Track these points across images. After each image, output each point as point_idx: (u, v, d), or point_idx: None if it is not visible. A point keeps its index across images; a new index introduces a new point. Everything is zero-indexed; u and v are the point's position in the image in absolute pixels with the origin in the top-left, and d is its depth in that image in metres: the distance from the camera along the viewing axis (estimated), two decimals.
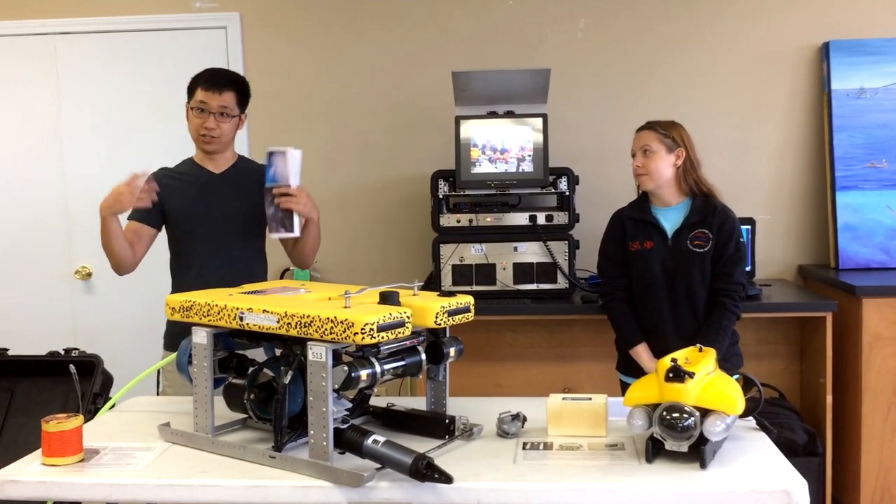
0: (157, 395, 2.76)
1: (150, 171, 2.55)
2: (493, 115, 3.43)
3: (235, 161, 2.86)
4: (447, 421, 1.93)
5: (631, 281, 2.82)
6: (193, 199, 2.75)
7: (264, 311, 1.79)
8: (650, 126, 2.78)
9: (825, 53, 3.73)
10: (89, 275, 4.12)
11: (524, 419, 1.97)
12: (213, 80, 2.72)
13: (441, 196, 3.46)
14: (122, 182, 2.48)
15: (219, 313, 1.87)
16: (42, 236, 4.13)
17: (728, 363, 2.68)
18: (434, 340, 1.92)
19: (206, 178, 2.80)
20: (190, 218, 2.75)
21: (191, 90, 2.75)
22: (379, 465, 1.67)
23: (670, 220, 2.77)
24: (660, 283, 2.74)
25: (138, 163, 4.02)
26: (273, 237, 2.63)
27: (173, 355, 2.09)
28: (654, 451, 1.76)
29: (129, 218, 2.77)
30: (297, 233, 2.59)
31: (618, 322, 2.83)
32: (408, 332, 1.75)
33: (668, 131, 2.75)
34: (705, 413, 1.74)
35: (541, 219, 3.42)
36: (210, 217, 2.74)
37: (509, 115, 3.42)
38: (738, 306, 2.71)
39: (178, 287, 2.79)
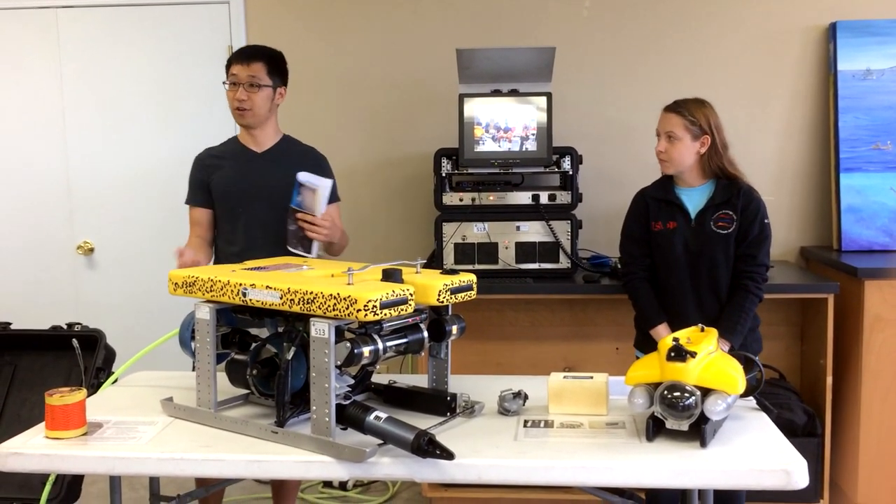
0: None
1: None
2: (497, 93, 3.41)
3: (279, 140, 2.88)
4: (449, 398, 1.94)
5: (653, 261, 2.80)
6: (235, 178, 2.79)
7: (267, 287, 1.79)
8: (677, 110, 2.71)
9: (832, 34, 3.70)
10: (91, 250, 4.12)
11: (525, 397, 1.98)
12: (241, 53, 2.80)
13: (444, 174, 3.45)
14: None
15: (222, 289, 1.87)
16: (44, 211, 4.12)
17: (749, 349, 2.67)
18: (436, 318, 1.93)
19: (249, 157, 2.84)
20: (230, 196, 2.79)
21: (227, 69, 2.81)
22: (381, 442, 1.68)
23: (694, 200, 2.75)
24: (682, 263, 2.72)
25: (140, 138, 4.05)
26: (290, 250, 2.70)
27: (175, 330, 2.09)
28: (654, 429, 1.77)
29: (189, 203, 2.85)
30: (313, 255, 2.70)
31: (639, 301, 2.81)
32: (410, 310, 1.75)
33: (696, 117, 2.68)
34: (706, 392, 1.74)
35: (543, 198, 3.41)
36: (251, 195, 2.78)
37: (513, 93, 3.41)
38: (762, 288, 2.69)
39: (219, 262, 2.85)
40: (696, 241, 2.71)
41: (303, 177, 2.65)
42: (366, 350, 1.71)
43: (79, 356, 2.52)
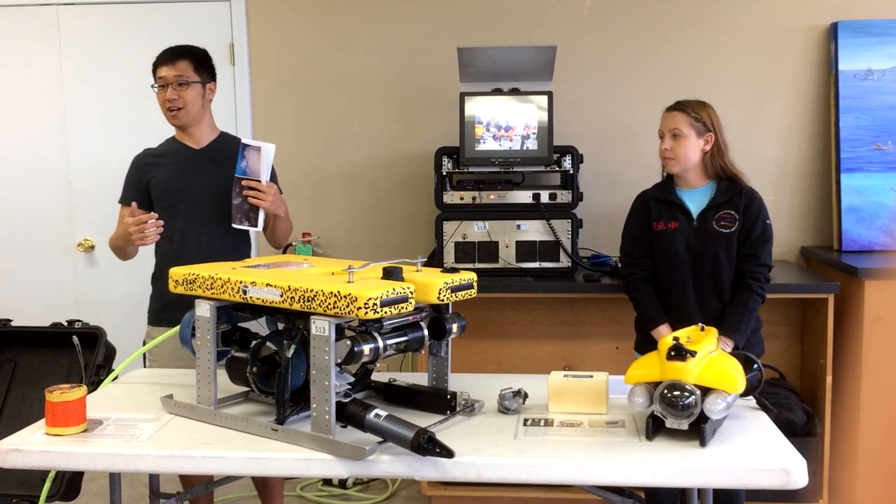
0: (145, 366, 2.80)
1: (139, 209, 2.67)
2: (498, 92, 3.41)
3: (216, 137, 2.89)
4: (448, 396, 1.94)
5: (655, 261, 2.80)
6: (174, 176, 2.80)
7: (268, 284, 1.79)
8: (681, 108, 2.72)
9: (833, 34, 3.70)
10: (92, 247, 4.12)
11: (525, 396, 1.98)
12: (164, 53, 2.82)
13: (445, 173, 3.45)
14: (126, 219, 2.62)
15: (222, 286, 1.87)
16: (45, 209, 4.13)
17: (751, 350, 2.66)
18: (437, 316, 1.93)
19: (187, 154, 2.84)
20: (170, 193, 2.80)
21: (154, 75, 2.83)
22: (380, 439, 1.68)
23: (695, 201, 2.76)
24: (685, 263, 2.72)
25: (140, 136, 4.04)
26: (235, 226, 2.72)
27: (175, 328, 2.09)
28: (654, 428, 1.77)
29: (121, 202, 2.85)
30: (259, 227, 2.71)
31: (641, 302, 2.81)
32: (411, 308, 1.75)
33: (700, 114, 2.69)
34: (706, 391, 1.74)
35: (544, 197, 3.41)
36: (190, 192, 2.79)
37: (514, 92, 3.41)
38: (765, 289, 2.69)
39: (158, 259, 2.89)
40: (698, 240, 2.72)
41: (247, 140, 2.68)
42: (366, 348, 1.71)
43: (79, 353, 2.52)
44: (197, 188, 2.78)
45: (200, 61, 2.81)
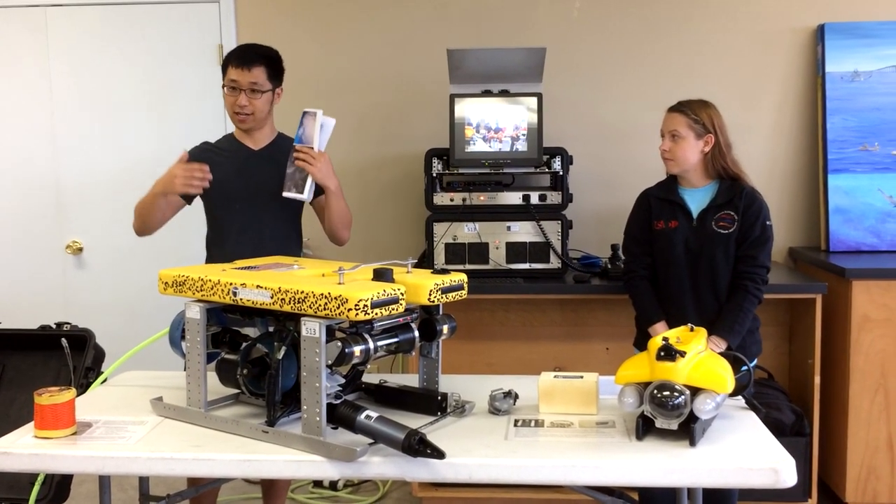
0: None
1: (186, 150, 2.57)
2: (487, 93, 3.42)
3: (275, 138, 2.88)
4: (439, 398, 1.94)
5: (654, 260, 2.82)
6: (232, 175, 2.77)
7: (258, 286, 1.79)
8: (681, 109, 2.74)
9: (820, 36, 3.72)
10: (80, 249, 4.11)
11: (516, 397, 1.99)
12: (241, 56, 2.73)
13: (435, 174, 3.45)
14: (175, 164, 2.53)
15: (212, 288, 1.87)
16: (33, 211, 4.10)
17: (747, 350, 2.68)
18: (427, 318, 1.93)
19: (245, 154, 2.82)
20: (227, 193, 2.76)
21: (224, 69, 2.77)
22: (371, 441, 1.68)
23: (696, 200, 2.77)
24: (682, 262, 2.73)
25: (130, 137, 4.04)
26: (285, 195, 2.68)
27: (165, 329, 2.09)
28: (644, 428, 1.78)
29: None
30: (306, 196, 2.64)
31: (639, 299, 2.82)
32: (401, 309, 1.75)
33: (699, 116, 2.71)
34: (695, 391, 1.75)
35: (534, 198, 3.42)
36: (247, 193, 2.77)
37: (504, 93, 3.41)
38: (761, 290, 2.70)
39: (210, 257, 2.83)
40: (696, 240, 2.73)
41: (308, 108, 2.63)
42: (357, 349, 1.71)
43: (68, 356, 2.51)
44: (253, 189, 2.77)
45: (275, 67, 2.78)
